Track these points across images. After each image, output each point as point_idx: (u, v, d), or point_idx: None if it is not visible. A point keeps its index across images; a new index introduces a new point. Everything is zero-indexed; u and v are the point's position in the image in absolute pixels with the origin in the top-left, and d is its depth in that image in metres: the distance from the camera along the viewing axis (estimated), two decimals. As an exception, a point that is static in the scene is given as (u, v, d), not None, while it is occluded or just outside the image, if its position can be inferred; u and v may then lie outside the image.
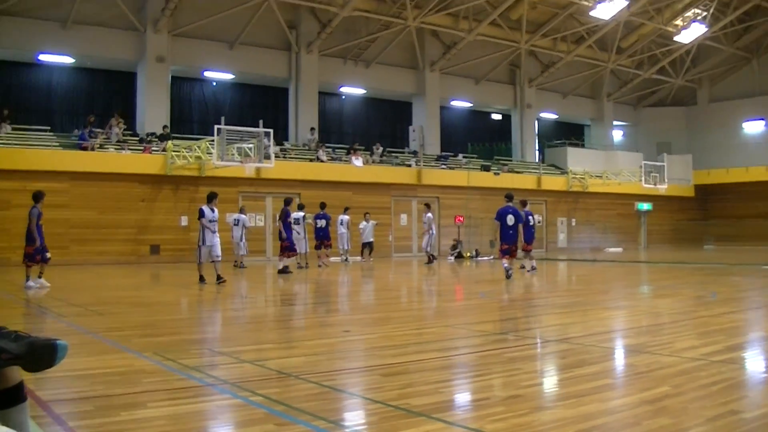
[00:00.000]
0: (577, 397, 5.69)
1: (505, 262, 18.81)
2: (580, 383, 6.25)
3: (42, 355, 3.37)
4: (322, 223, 27.16)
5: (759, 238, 43.54)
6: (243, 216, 27.04)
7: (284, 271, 22.44)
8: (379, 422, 5.09)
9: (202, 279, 17.88)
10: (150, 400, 5.59)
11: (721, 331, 9.34)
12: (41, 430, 4.66)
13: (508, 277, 18.33)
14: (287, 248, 23.05)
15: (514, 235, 19.25)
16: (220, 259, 18.15)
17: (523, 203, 22.06)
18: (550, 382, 6.68)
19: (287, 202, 23.55)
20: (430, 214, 30.07)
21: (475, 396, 6.09)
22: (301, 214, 26.26)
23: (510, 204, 19.73)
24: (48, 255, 17.67)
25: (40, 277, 17.21)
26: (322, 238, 27.14)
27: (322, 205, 27.54)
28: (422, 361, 7.46)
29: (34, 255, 17.14)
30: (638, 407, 5.35)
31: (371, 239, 31.35)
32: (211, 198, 18.46)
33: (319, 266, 26.16)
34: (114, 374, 6.61)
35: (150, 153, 31.17)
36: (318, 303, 14.79)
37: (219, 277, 17.59)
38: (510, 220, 19.17)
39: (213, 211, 18.34)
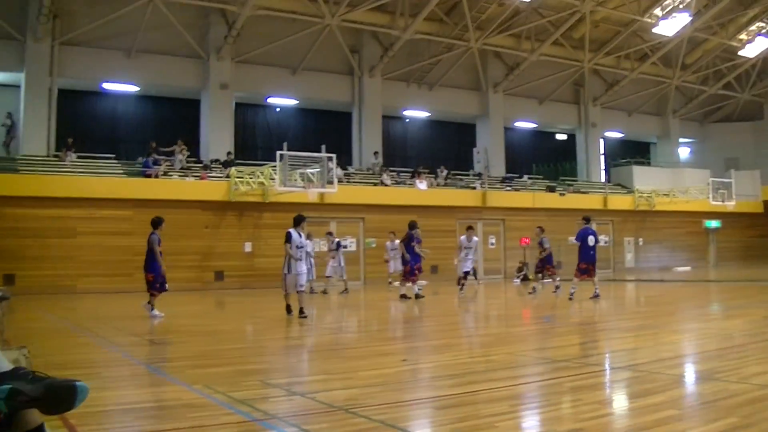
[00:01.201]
0: (641, 429, 5.46)
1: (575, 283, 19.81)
2: (644, 415, 5.99)
3: (61, 397, 3.24)
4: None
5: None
6: (307, 241, 26.63)
7: (406, 296, 21.47)
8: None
9: (289, 310, 16.20)
10: (194, 437, 5.46)
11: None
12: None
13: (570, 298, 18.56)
14: (410, 273, 21.87)
15: (594, 255, 20.15)
16: (303, 288, 16.43)
17: (587, 220, 21.56)
18: (613, 414, 6.38)
19: (412, 225, 22.29)
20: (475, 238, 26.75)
21: (533, 430, 5.86)
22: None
23: (589, 225, 20.62)
24: (166, 285, 16.99)
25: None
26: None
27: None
28: (478, 392, 7.21)
29: (154, 283, 16.51)
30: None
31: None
32: (298, 221, 16.47)
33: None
34: (161, 408, 6.53)
35: (206, 179, 31.36)
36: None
37: (301, 311, 15.84)
38: (591, 240, 20.06)
39: (300, 235, 16.50)
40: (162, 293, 16.71)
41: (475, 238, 25.51)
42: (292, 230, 16.23)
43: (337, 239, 25.03)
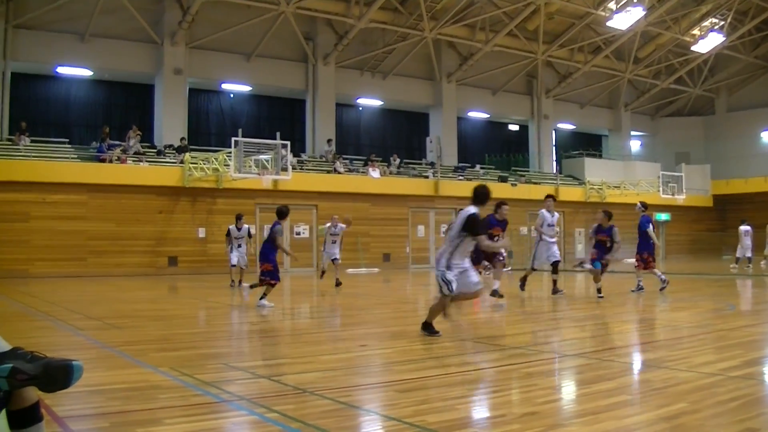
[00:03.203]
0: (593, 414, 5.69)
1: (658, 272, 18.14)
2: (596, 400, 6.22)
3: (57, 375, 3.39)
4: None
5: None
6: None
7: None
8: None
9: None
10: (166, 417, 5.61)
11: (739, 345, 9.27)
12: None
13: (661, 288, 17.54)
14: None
15: (653, 244, 18.59)
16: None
17: (644, 206, 18.92)
18: (566, 399, 6.64)
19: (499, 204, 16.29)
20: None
21: (491, 413, 6.08)
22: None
23: (647, 213, 18.83)
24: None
25: (251, 286, 16.47)
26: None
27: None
28: (439, 377, 7.44)
29: (274, 273, 15.28)
30: (655, 424, 5.33)
31: None
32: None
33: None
34: (131, 390, 6.63)
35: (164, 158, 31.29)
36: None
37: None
38: (650, 229, 18.40)
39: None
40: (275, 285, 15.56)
41: (556, 213, 18.45)
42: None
43: (247, 225, 22.35)
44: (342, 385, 7.01)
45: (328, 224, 22.36)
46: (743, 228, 30.60)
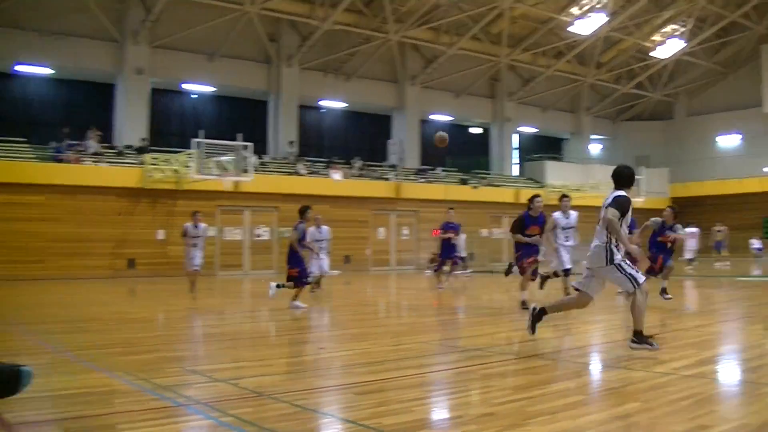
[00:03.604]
0: (550, 414, 5.74)
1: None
2: (552, 400, 6.29)
3: (6, 382, 3.35)
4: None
5: (734, 249, 43.88)
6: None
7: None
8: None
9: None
10: (122, 422, 5.56)
11: (692, 345, 9.51)
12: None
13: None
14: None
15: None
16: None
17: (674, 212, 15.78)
18: (523, 399, 6.66)
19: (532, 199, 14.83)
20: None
21: (448, 414, 6.12)
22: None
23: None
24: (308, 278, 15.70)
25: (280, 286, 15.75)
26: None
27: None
28: (398, 379, 7.46)
29: (301, 278, 15.10)
30: (609, 423, 5.43)
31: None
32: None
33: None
34: (87, 395, 6.57)
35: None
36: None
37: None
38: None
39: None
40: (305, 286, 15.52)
41: (573, 214, 16.32)
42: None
43: (203, 224, 20.31)
44: (300, 388, 6.97)
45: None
46: (689, 230, 31.12)
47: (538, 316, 9.34)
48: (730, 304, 15.96)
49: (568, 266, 15.87)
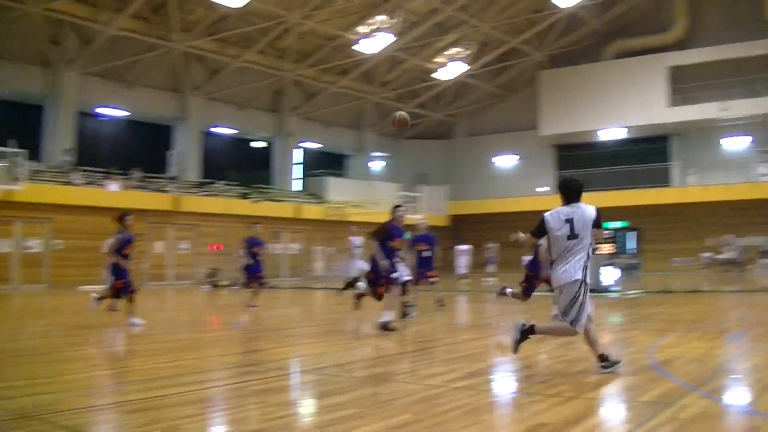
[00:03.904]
0: (322, 427, 5.76)
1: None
2: (325, 414, 6.34)
3: None
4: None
5: (506, 266, 45.81)
6: None
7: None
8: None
9: None
10: None
11: (463, 358, 9.76)
12: None
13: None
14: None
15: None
16: None
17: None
18: (295, 414, 6.62)
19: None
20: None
21: (220, 430, 6.03)
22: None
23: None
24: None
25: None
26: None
27: None
28: (167, 396, 7.20)
29: (127, 287, 14.38)
30: (381, 437, 5.40)
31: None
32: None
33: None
34: None
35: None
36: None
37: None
38: None
39: None
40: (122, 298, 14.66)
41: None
42: None
43: None
44: (68, 408, 6.61)
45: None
46: (459, 248, 32.54)
47: (526, 332, 8.35)
48: (500, 318, 16.52)
49: (407, 278, 15.76)
